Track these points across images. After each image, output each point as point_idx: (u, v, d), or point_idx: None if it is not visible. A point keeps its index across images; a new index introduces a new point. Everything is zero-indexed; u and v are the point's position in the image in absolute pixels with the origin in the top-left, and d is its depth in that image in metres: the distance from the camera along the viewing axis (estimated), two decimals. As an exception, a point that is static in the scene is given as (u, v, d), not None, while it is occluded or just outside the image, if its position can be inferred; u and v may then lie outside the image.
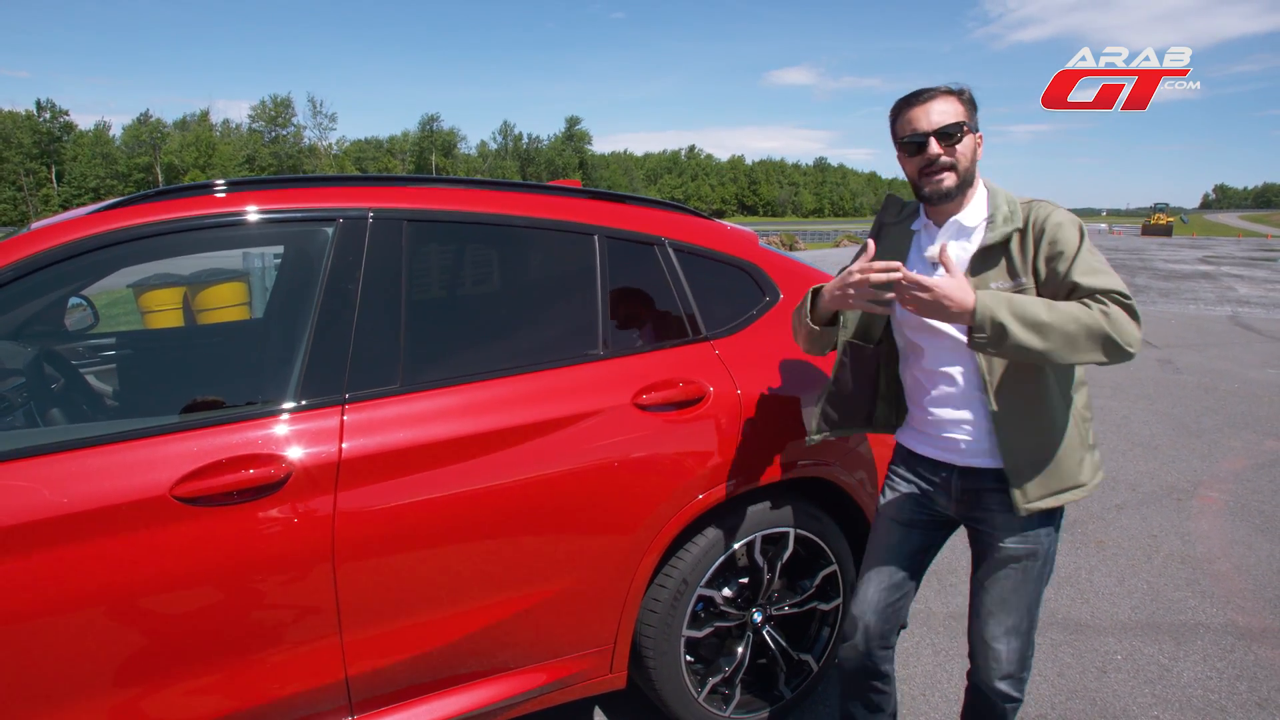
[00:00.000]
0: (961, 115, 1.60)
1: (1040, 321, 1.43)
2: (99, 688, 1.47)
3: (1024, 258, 1.58)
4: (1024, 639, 1.71)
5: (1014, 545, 1.68)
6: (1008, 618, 1.69)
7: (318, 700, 1.67)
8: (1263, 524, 3.91)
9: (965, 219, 1.66)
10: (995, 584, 1.71)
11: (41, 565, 1.39)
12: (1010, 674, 1.71)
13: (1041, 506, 1.62)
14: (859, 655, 1.83)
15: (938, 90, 1.62)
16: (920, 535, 1.82)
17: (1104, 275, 1.52)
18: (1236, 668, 2.68)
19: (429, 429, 1.70)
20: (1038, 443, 1.62)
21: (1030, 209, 1.61)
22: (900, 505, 1.84)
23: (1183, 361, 8.15)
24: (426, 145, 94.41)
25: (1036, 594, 1.71)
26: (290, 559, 1.57)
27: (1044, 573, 1.71)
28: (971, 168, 1.64)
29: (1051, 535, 1.69)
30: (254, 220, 1.72)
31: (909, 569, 1.83)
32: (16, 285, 1.54)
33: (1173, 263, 24.91)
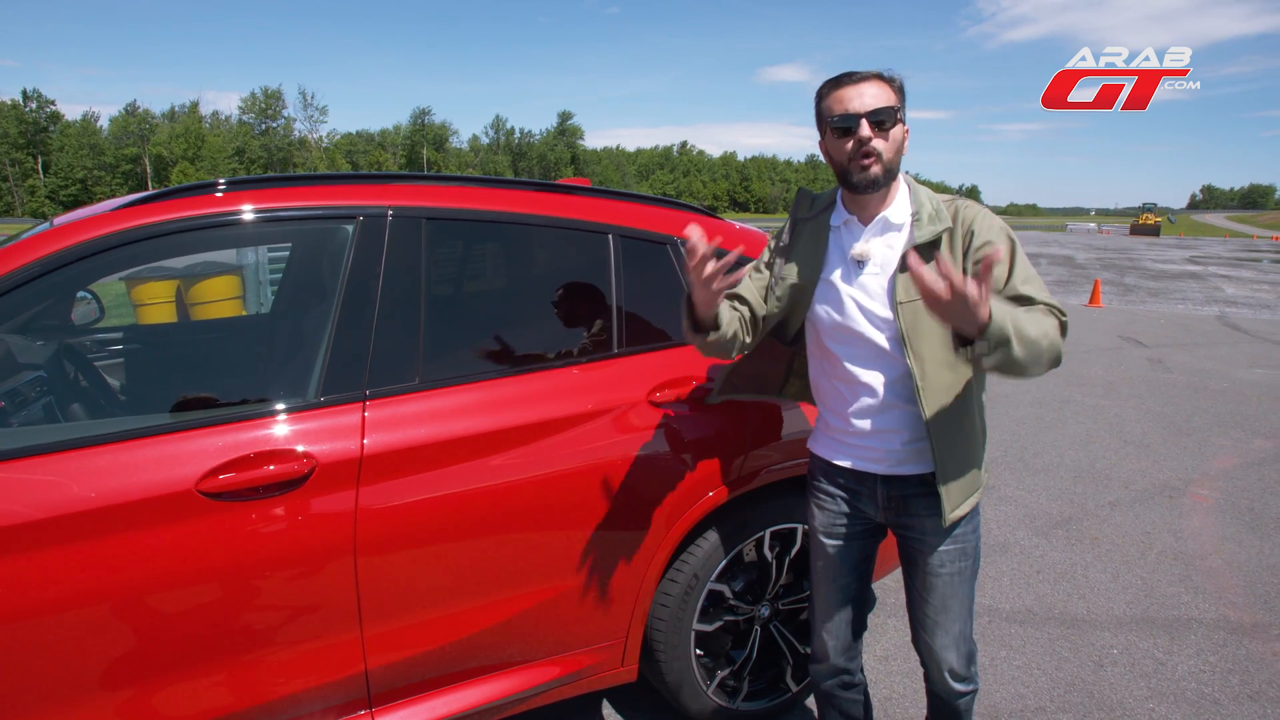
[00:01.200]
0: (893, 101, 1.52)
1: (1030, 338, 1.36)
2: (127, 679, 1.49)
3: (953, 260, 1.53)
4: (968, 641, 1.73)
5: (946, 548, 1.67)
6: (953, 625, 1.70)
7: (337, 692, 1.69)
8: (1252, 521, 3.99)
9: (892, 215, 1.58)
10: (934, 593, 1.70)
11: (71, 559, 1.41)
12: (963, 676, 1.74)
13: (962, 511, 1.62)
14: (832, 672, 1.84)
15: (870, 74, 1.53)
16: (859, 546, 1.77)
17: (1042, 287, 1.51)
18: (1229, 661, 2.74)
19: (448, 425, 1.72)
20: (963, 449, 1.61)
21: (956, 208, 1.56)
22: (832, 521, 1.77)
23: (1172, 361, 8.25)
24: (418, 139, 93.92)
25: (970, 593, 1.72)
26: (313, 553, 1.59)
27: (974, 570, 1.72)
28: (897, 159, 1.55)
29: (976, 532, 1.70)
30: (274, 218, 1.74)
31: (857, 581, 1.80)
32: (41, 281, 1.55)
33: (1161, 262, 25.15)
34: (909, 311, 1.53)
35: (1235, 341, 9.68)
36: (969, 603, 1.72)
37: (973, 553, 1.70)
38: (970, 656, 1.74)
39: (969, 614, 1.72)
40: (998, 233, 1.52)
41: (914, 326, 1.53)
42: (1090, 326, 10.70)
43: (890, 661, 2.72)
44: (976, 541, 1.71)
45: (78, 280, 1.71)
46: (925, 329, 1.52)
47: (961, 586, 1.70)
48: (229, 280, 6.39)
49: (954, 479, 1.59)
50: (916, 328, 1.53)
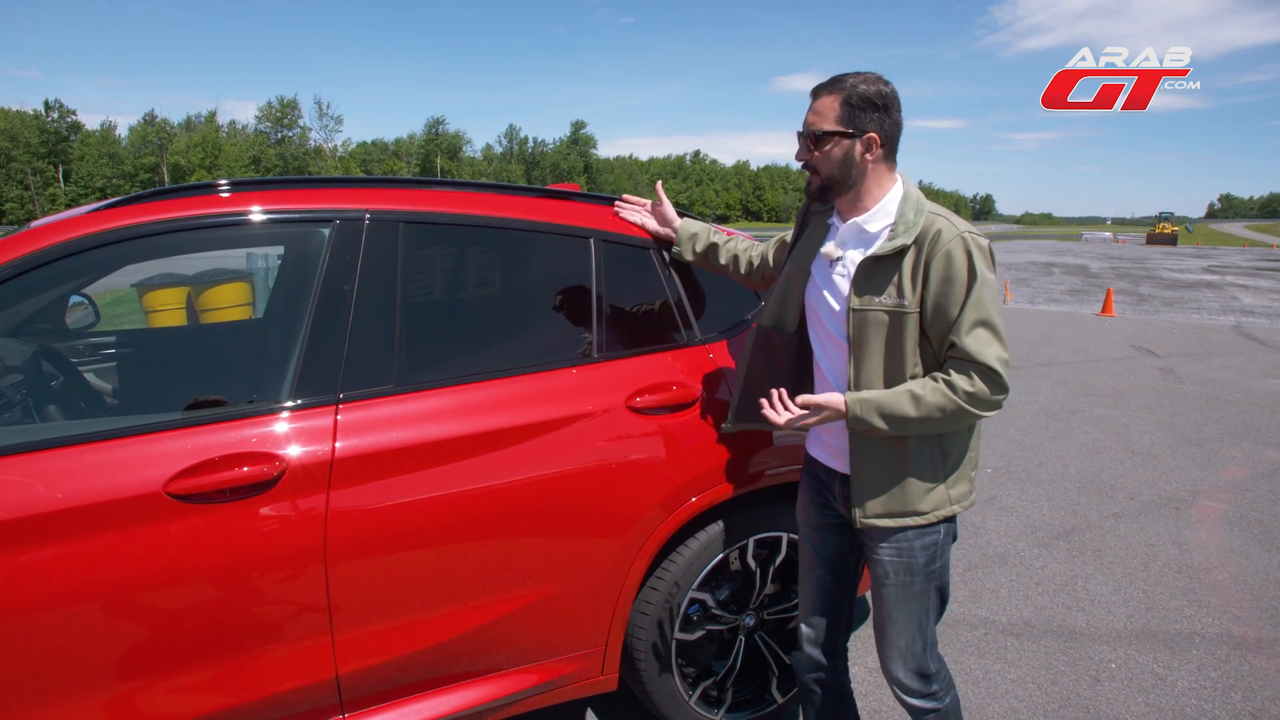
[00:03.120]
0: (832, 120, 1.54)
1: (908, 418, 1.51)
2: (90, 683, 1.48)
3: (914, 278, 1.51)
4: (917, 658, 1.70)
5: (888, 559, 1.66)
6: (897, 637, 1.70)
7: (308, 698, 1.68)
8: (1261, 534, 3.90)
9: (867, 224, 1.60)
10: (880, 602, 1.71)
11: (35, 560, 1.40)
12: (914, 690, 1.71)
13: (877, 524, 1.62)
14: (811, 663, 1.88)
15: (824, 86, 1.57)
16: (835, 539, 1.81)
17: (985, 338, 1.48)
18: (1231, 678, 2.67)
19: (422, 429, 1.71)
20: (884, 460, 1.60)
21: (928, 230, 1.52)
22: (808, 509, 1.85)
23: (1184, 371, 8.13)
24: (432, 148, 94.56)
25: (923, 611, 1.68)
26: (282, 557, 1.58)
27: (925, 590, 1.67)
28: (840, 173, 1.57)
29: (930, 551, 1.64)
30: (253, 220, 1.74)
31: (836, 571, 1.83)
32: (16, 282, 1.55)
33: (1177, 272, 24.86)
34: (857, 319, 1.57)
35: (1251, 351, 9.53)
36: (919, 619, 1.68)
37: (920, 570, 1.65)
38: (921, 674, 1.71)
39: (918, 631, 1.69)
40: (957, 273, 1.49)
41: (859, 333, 1.58)
42: (1101, 336, 10.58)
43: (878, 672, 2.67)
44: (928, 561, 1.65)
45: (52, 282, 1.72)
46: (870, 339, 1.56)
47: (908, 602, 1.67)
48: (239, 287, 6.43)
49: (870, 487, 1.62)
50: (861, 335, 1.57)
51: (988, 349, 1.48)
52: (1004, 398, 1.50)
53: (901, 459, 1.60)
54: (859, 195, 1.60)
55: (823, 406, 1.58)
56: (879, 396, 1.53)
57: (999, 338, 1.50)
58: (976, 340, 1.48)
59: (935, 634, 1.73)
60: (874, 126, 1.54)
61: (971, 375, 1.49)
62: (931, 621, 1.70)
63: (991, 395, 1.48)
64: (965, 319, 1.48)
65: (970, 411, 1.50)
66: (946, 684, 1.76)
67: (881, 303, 1.54)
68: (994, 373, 1.48)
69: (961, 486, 1.65)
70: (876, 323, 1.55)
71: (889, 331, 1.55)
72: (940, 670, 1.74)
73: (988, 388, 1.48)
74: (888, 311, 1.54)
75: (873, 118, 1.54)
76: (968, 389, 1.48)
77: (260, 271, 6.68)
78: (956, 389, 1.48)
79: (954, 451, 1.62)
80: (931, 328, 1.53)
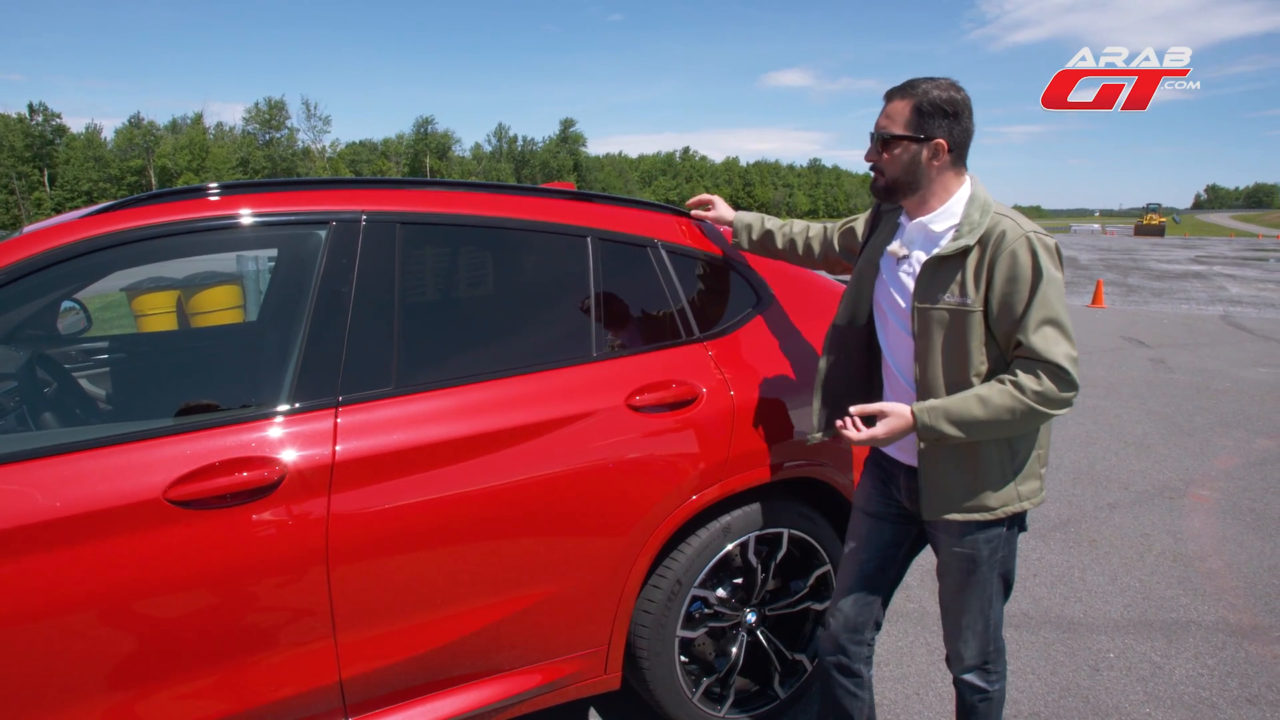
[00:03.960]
0: (901, 124, 1.58)
1: (976, 420, 1.52)
2: (92, 691, 1.47)
3: (977, 278, 1.53)
4: (980, 638, 1.75)
5: (952, 548, 1.70)
6: (961, 616, 1.75)
7: (312, 703, 1.67)
8: (1254, 521, 3.94)
9: (933, 224, 1.62)
10: (945, 584, 1.78)
11: (35, 569, 1.39)
12: (971, 666, 1.77)
13: (945, 518, 1.65)
14: (834, 645, 1.90)
15: (897, 91, 1.61)
16: (890, 529, 1.84)
17: (1052, 336, 1.49)
18: (1227, 664, 2.69)
19: (422, 431, 1.71)
20: (953, 457, 1.62)
21: (993, 224, 1.54)
22: (868, 497, 1.88)
23: (1175, 361, 8.19)
24: (421, 148, 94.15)
25: (986, 597, 1.72)
26: (284, 561, 1.57)
27: (988, 579, 1.70)
28: (906, 175, 1.61)
29: (994, 544, 1.67)
30: (248, 223, 1.73)
31: (881, 561, 1.86)
32: (9, 289, 1.54)
33: (1165, 262, 25.02)
34: (921, 317, 1.60)
35: (1239, 341, 9.61)
36: (984, 605, 1.73)
37: (984, 561, 1.68)
38: (983, 654, 1.77)
39: (984, 617, 1.74)
40: (1022, 272, 1.50)
41: (924, 330, 1.61)
42: (1092, 328, 10.64)
43: (883, 668, 2.69)
44: (991, 555, 1.68)
45: (45, 289, 1.70)
46: (934, 337, 1.59)
47: (972, 587, 1.71)
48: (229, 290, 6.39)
49: (937, 482, 1.64)
50: (925, 332, 1.60)
51: (1055, 346, 1.48)
52: (1074, 395, 1.50)
53: (970, 457, 1.61)
54: (925, 197, 1.63)
55: (887, 414, 1.59)
56: (946, 403, 1.54)
57: (1066, 335, 1.50)
58: (1043, 338, 1.49)
59: (1001, 614, 1.78)
60: (942, 133, 1.57)
61: (1039, 374, 1.49)
62: (995, 605, 1.74)
63: (1060, 393, 1.48)
64: (1031, 317, 1.49)
65: (1040, 411, 1.49)
66: (1002, 669, 1.80)
67: (945, 301, 1.56)
68: (1062, 370, 1.48)
69: (1031, 484, 1.65)
70: (939, 321, 1.57)
71: (952, 330, 1.56)
72: (1003, 650, 1.79)
73: (1056, 386, 1.48)
74: (950, 310, 1.56)
75: (942, 124, 1.57)
76: (1036, 388, 1.48)
77: (250, 274, 6.63)
78: (1025, 389, 1.49)
79: (1023, 449, 1.63)
80: (998, 327, 1.54)
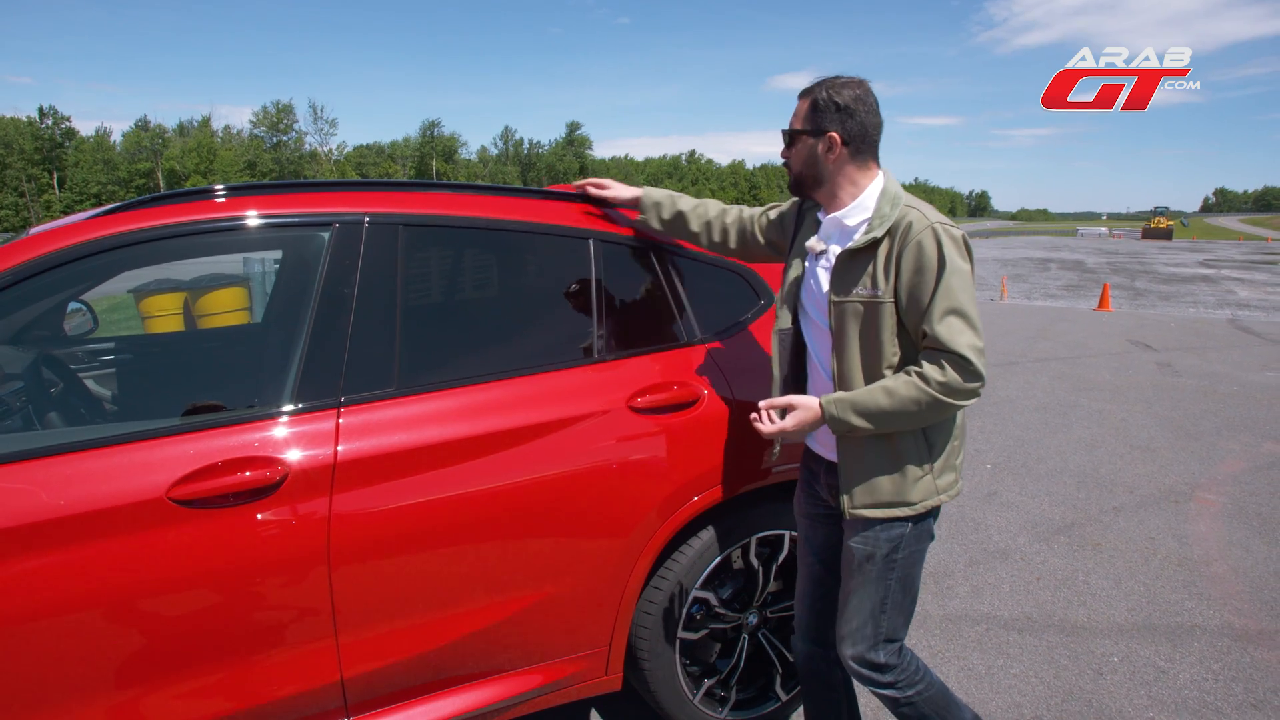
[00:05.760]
0: (800, 119, 1.66)
1: (883, 411, 1.54)
2: (95, 689, 1.48)
3: (887, 269, 1.55)
4: (863, 643, 1.70)
5: (854, 544, 1.69)
6: (850, 618, 1.72)
7: (313, 702, 1.68)
8: (1260, 526, 3.92)
9: (846, 219, 1.64)
10: (844, 583, 1.75)
11: (39, 568, 1.40)
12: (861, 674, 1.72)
13: (864, 515, 1.64)
14: (799, 647, 1.94)
15: (803, 91, 1.68)
16: (824, 529, 1.84)
17: (956, 326, 1.49)
18: (1232, 669, 2.68)
19: (424, 432, 1.71)
20: (868, 450, 1.62)
21: (901, 215, 1.56)
22: (800, 499, 1.90)
23: (1182, 365, 8.15)
24: (427, 151, 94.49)
25: (877, 599, 1.68)
26: (286, 561, 1.58)
27: (885, 577, 1.67)
28: (805, 171, 1.67)
29: (895, 541, 1.65)
30: (252, 225, 1.74)
31: (824, 562, 1.85)
32: (16, 289, 1.55)
33: (1173, 266, 24.91)
34: (837, 310, 1.63)
35: (1247, 345, 9.56)
36: (871, 606, 1.69)
37: (882, 559, 1.66)
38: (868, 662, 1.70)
39: (869, 617, 1.69)
40: (927, 262, 1.51)
41: (840, 323, 1.63)
42: (1098, 331, 10.60)
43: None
44: (890, 550, 1.66)
45: (52, 289, 1.72)
46: (849, 330, 1.61)
47: (867, 587, 1.69)
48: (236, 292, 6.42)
49: (856, 477, 1.65)
50: (841, 325, 1.63)
51: (959, 337, 1.49)
52: (979, 386, 1.51)
53: (886, 450, 1.62)
54: (833, 191, 1.67)
55: (796, 406, 1.62)
56: (854, 395, 1.56)
57: (971, 325, 1.50)
58: (948, 328, 1.50)
59: (898, 630, 1.72)
60: (835, 126, 1.61)
61: (943, 364, 1.50)
62: (888, 614, 1.69)
63: (965, 384, 1.49)
64: (936, 307, 1.50)
65: (945, 402, 1.50)
66: (909, 678, 1.73)
67: (857, 294, 1.58)
68: (965, 360, 1.48)
69: (948, 476, 1.67)
70: (854, 313, 1.60)
71: (865, 322, 1.59)
72: (897, 664, 1.72)
73: (960, 376, 1.49)
74: (863, 302, 1.58)
75: (834, 118, 1.61)
76: (940, 379, 1.49)
77: (257, 276, 6.66)
78: (929, 380, 1.50)
79: (939, 442, 1.64)
80: (907, 317, 1.56)
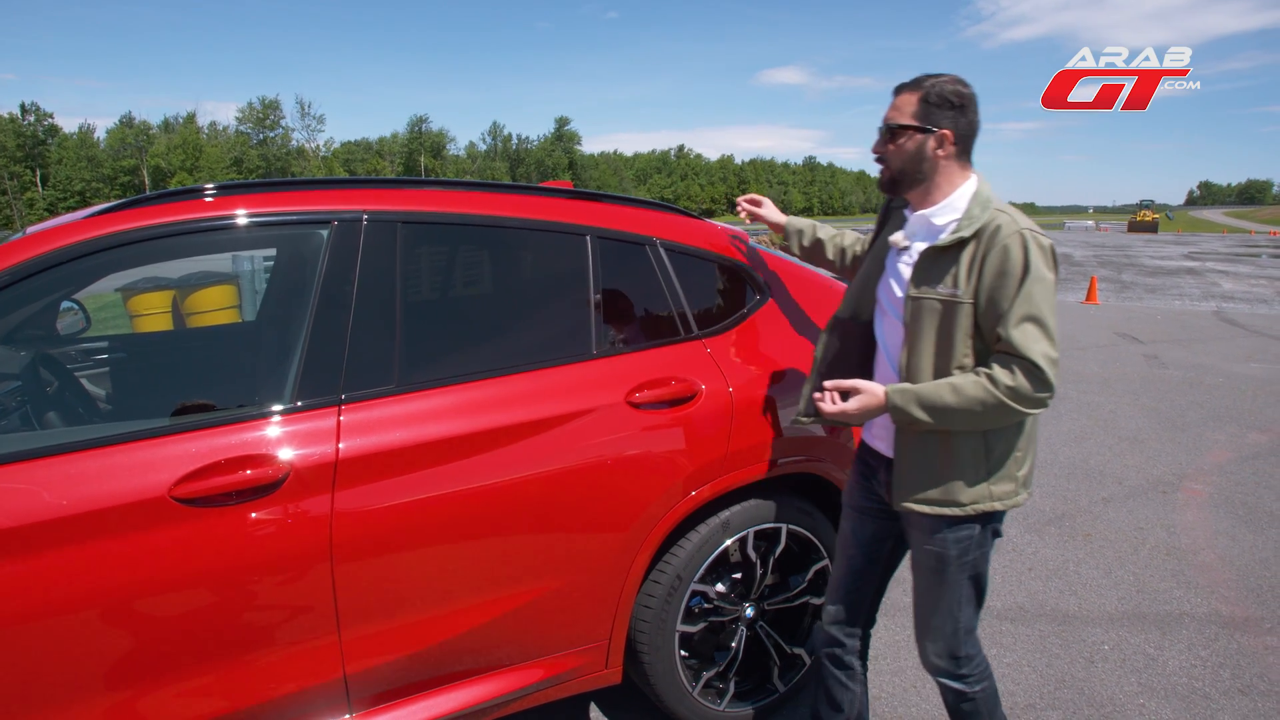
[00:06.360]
0: (908, 115, 1.62)
1: (946, 407, 1.54)
2: (98, 688, 1.49)
3: (970, 271, 1.55)
4: (948, 639, 1.74)
5: (926, 549, 1.71)
6: (930, 616, 1.76)
7: (316, 698, 1.68)
8: (1246, 515, 3.98)
9: (935, 217, 1.65)
10: (916, 582, 1.79)
11: (42, 567, 1.40)
12: (940, 668, 1.77)
13: (912, 508, 1.66)
14: (826, 637, 1.95)
15: (906, 85, 1.65)
16: (872, 524, 1.86)
17: (1032, 333, 1.49)
18: (1220, 656, 2.73)
19: (424, 429, 1.72)
20: (926, 448, 1.63)
21: (991, 219, 1.56)
22: (852, 491, 1.92)
23: (1168, 357, 8.24)
24: (415, 147, 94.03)
25: (954, 598, 1.71)
26: (288, 558, 1.58)
27: (957, 579, 1.70)
28: (910, 167, 1.64)
29: (963, 544, 1.67)
30: (249, 224, 1.73)
31: (867, 556, 1.88)
32: (12, 290, 1.55)
33: (1158, 259, 25.13)
34: (913, 306, 1.62)
35: (1232, 336, 9.67)
36: (949, 604, 1.72)
37: (952, 560, 1.68)
38: (951, 655, 1.76)
39: (948, 614, 1.73)
40: (1012, 267, 1.51)
41: (915, 318, 1.63)
42: (1086, 323, 10.69)
43: (879, 661, 2.71)
44: (960, 556, 1.68)
45: (48, 289, 1.71)
46: (924, 327, 1.61)
47: (939, 587, 1.72)
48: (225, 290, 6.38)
49: (910, 472, 1.66)
50: (916, 322, 1.62)
51: (1034, 344, 1.49)
52: (1047, 396, 1.50)
53: (944, 450, 1.62)
54: (929, 189, 1.66)
55: (861, 391, 1.64)
56: (919, 388, 1.57)
57: (1048, 335, 1.50)
58: (1023, 334, 1.49)
59: (973, 621, 1.76)
60: (948, 124, 1.61)
61: (1014, 369, 1.50)
62: (964, 609, 1.73)
63: (1034, 392, 1.48)
64: (1015, 313, 1.50)
65: (1012, 407, 1.50)
66: (980, 672, 1.78)
67: (938, 292, 1.58)
68: (1038, 368, 1.48)
69: (1005, 485, 1.64)
70: (930, 311, 1.60)
71: (941, 320, 1.58)
72: (974, 656, 1.77)
73: (1030, 383, 1.49)
74: (942, 300, 1.58)
75: (948, 115, 1.60)
76: (1009, 383, 1.49)
77: (246, 274, 6.62)
78: (998, 383, 1.50)
79: (998, 448, 1.63)
80: (983, 320, 1.55)
